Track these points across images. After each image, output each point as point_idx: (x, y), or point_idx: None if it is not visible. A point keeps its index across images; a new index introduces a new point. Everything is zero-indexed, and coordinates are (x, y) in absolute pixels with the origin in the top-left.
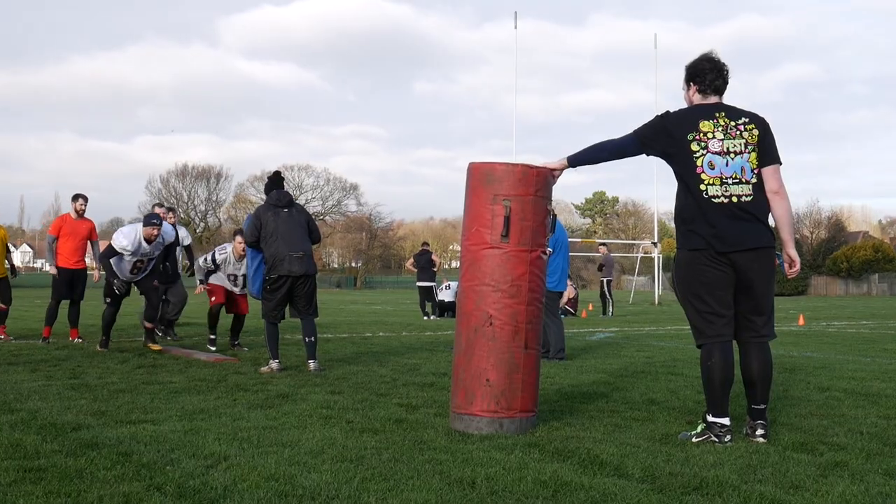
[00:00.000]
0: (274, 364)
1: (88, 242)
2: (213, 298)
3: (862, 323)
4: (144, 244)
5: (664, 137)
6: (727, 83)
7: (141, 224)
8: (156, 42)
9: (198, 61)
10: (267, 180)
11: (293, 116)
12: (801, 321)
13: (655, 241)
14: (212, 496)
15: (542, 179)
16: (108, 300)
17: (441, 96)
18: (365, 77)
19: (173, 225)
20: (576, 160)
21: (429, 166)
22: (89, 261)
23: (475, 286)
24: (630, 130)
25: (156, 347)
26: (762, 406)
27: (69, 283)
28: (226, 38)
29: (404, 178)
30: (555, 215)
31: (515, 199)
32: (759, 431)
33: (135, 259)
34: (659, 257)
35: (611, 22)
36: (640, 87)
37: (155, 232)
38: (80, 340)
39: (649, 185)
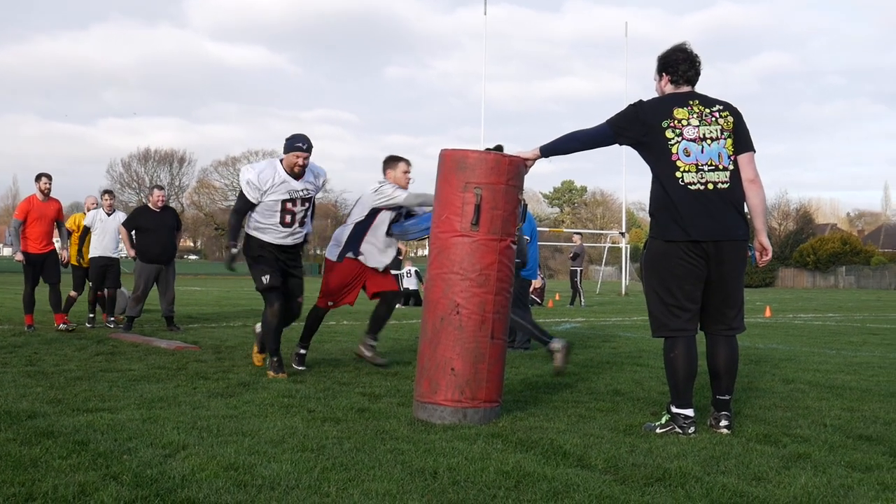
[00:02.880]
0: (555, 343)
1: (55, 224)
2: (329, 301)
3: (828, 315)
4: (291, 179)
5: (637, 126)
6: (699, 74)
7: (277, 158)
8: (121, 22)
9: (164, 42)
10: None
11: (261, 100)
12: (768, 313)
13: (623, 231)
14: (169, 486)
15: (514, 168)
16: (266, 284)
17: (413, 82)
18: (336, 61)
19: (111, 209)
20: (549, 150)
21: (398, 152)
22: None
23: (443, 274)
24: (603, 120)
25: (280, 376)
26: (727, 397)
27: (40, 269)
28: (193, 18)
29: (373, 164)
30: (525, 205)
31: (487, 187)
32: (724, 422)
33: (282, 199)
34: (626, 247)
35: (587, 9)
36: (616, 76)
37: (301, 161)
38: (66, 327)
39: (618, 175)
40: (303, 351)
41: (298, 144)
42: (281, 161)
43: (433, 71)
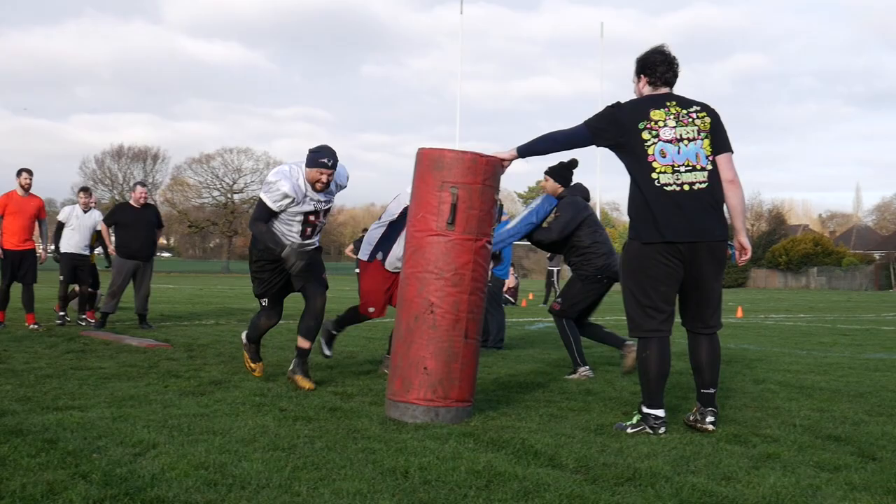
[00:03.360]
0: (585, 370)
1: (36, 222)
2: (369, 308)
3: (799, 316)
4: (311, 191)
5: (615, 127)
6: (677, 76)
7: (304, 163)
8: (95, 17)
9: (139, 39)
10: (559, 165)
11: (236, 97)
12: (740, 313)
13: None
14: (139, 485)
15: (490, 168)
16: (265, 302)
17: (389, 80)
18: (311, 58)
19: (88, 207)
20: (525, 150)
21: (373, 151)
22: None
23: (418, 273)
24: (579, 121)
25: (307, 384)
26: (711, 390)
27: (18, 266)
28: (168, 14)
29: (347, 162)
30: (501, 205)
31: (463, 186)
32: (709, 418)
33: (306, 211)
34: None
35: (563, 8)
36: (591, 76)
37: (325, 178)
38: (37, 327)
39: (592, 176)
40: (334, 332)
41: (323, 161)
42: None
43: (409, 70)
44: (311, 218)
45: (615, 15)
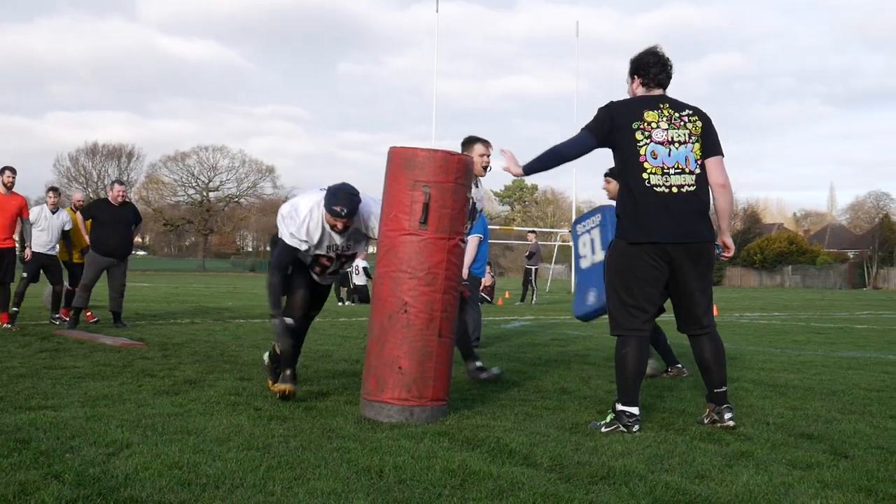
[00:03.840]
0: (679, 366)
1: (18, 220)
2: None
3: (774, 314)
4: (331, 233)
5: (609, 127)
6: (671, 77)
7: (323, 197)
8: (71, 14)
9: (115, 35)
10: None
11: (213, 95)
12: (715, 311)
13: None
14: (112, 485)
15: (462, 167)
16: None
17: (367, 78)
18: (289, 57)
19: (56, 207)
20: (531, 169)
21: (351, 150)
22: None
23: (391, 272)
24: (556, 119)
25: (283, 388)
26: (723, 388)
27: None
28: (145, 12)
29: (326, 161)
30: (474, 203)
31: (435, 185)
32: (727, 415)
33: (316, 253)
34: None
35: (539, 7)
36: (567, 74)
37: (339, 226)
38: (10, 327)
39: (568, 174)
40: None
41: (336, 209)
42: None
43: (388, 68)
44: (324, 261)
45: (592, 14)
